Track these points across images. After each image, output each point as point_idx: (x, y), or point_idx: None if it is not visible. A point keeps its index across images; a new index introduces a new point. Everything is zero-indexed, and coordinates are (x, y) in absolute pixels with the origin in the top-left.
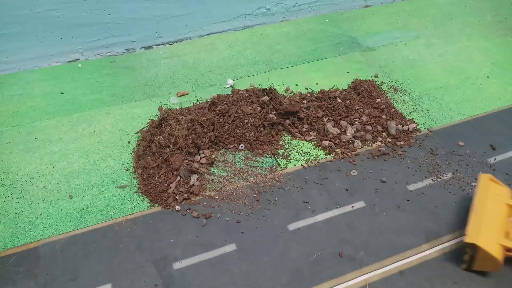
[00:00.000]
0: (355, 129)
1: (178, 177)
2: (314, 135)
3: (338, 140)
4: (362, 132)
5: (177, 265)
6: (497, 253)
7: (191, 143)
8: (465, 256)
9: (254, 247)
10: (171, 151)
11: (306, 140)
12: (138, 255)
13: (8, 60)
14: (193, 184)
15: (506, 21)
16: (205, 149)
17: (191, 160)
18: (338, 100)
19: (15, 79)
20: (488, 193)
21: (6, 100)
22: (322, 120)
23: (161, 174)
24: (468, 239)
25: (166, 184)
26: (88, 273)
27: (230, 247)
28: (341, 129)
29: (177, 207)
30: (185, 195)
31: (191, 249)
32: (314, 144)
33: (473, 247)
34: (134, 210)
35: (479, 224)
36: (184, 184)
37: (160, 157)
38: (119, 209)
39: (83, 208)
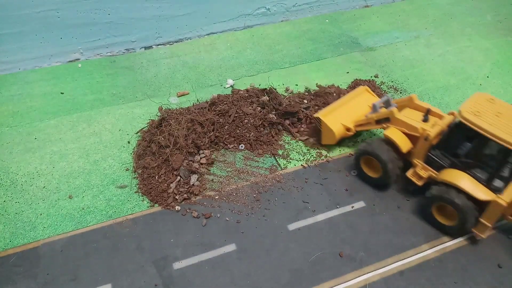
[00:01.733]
0: None
1: (178, 177)
2: (308, 134)
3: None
4: None
5: (177, 265)
6: (336, 129)
7: (191, 143)
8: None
9: (254, 247)
10: (171, 151)
11: (300, 140)
12: (138, 255)
13: (8, 60)
14: (193, 184)
15: (506, 21)
16: (205, 149)
17: (191, 160)
18: (334, 94)
19: (15, 79)
20: (357, 96)
21: (6, 100)
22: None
23: (161, 174)
24: (316, 114)
25: (166, 184)
26: (88, 273)
27: (230, 247)
28: None
29: (177, 207)
30: (185, 195)
31: (191, 249)
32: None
33: (319, 121)
34: (134, 210)
35: (333, 109)
36: (184, 184)
37: (160, 157)
38: (119, 209)
39: (83, 208)
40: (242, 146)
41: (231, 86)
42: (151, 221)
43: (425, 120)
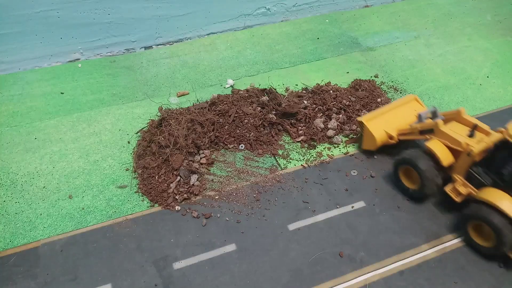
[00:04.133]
0: (338, 123)
1: (178, 177)
2: (303, 133)
3: (322, 136)
4: (346, 126)
5: (177, 265)
6: (378, 135)
7: (191, 143)
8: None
9: (254, 247)
10: (171, 151)
11: (295, 141)
12: (138, 255)
13: (8, 60)
14: (193, 184)
15: (506, 21)
16: (205, 149)
17: (191, 160)
18: (331, 92)
19: (15, 79)
20: (404, 104)
21: (6, 100)
22: (316, 117)
23: (161, 174)
24: (359, 118)
25: (166, 184)
26: (88, 273)
27: (230, 247)
28: (326, 122)
29: (177, 207)
30: (185, 195)
31: (191, 249)
32: (306, 147)
33: (361, 125)
34: (134, 210)
35: (377, 114)
36: (184, 184)
37: (160, 157)
38: (119, 209)
39: (83, 208)
40: (242, 146)
41: (231, 86)
42: (151, 221)
43: (471, 135)
